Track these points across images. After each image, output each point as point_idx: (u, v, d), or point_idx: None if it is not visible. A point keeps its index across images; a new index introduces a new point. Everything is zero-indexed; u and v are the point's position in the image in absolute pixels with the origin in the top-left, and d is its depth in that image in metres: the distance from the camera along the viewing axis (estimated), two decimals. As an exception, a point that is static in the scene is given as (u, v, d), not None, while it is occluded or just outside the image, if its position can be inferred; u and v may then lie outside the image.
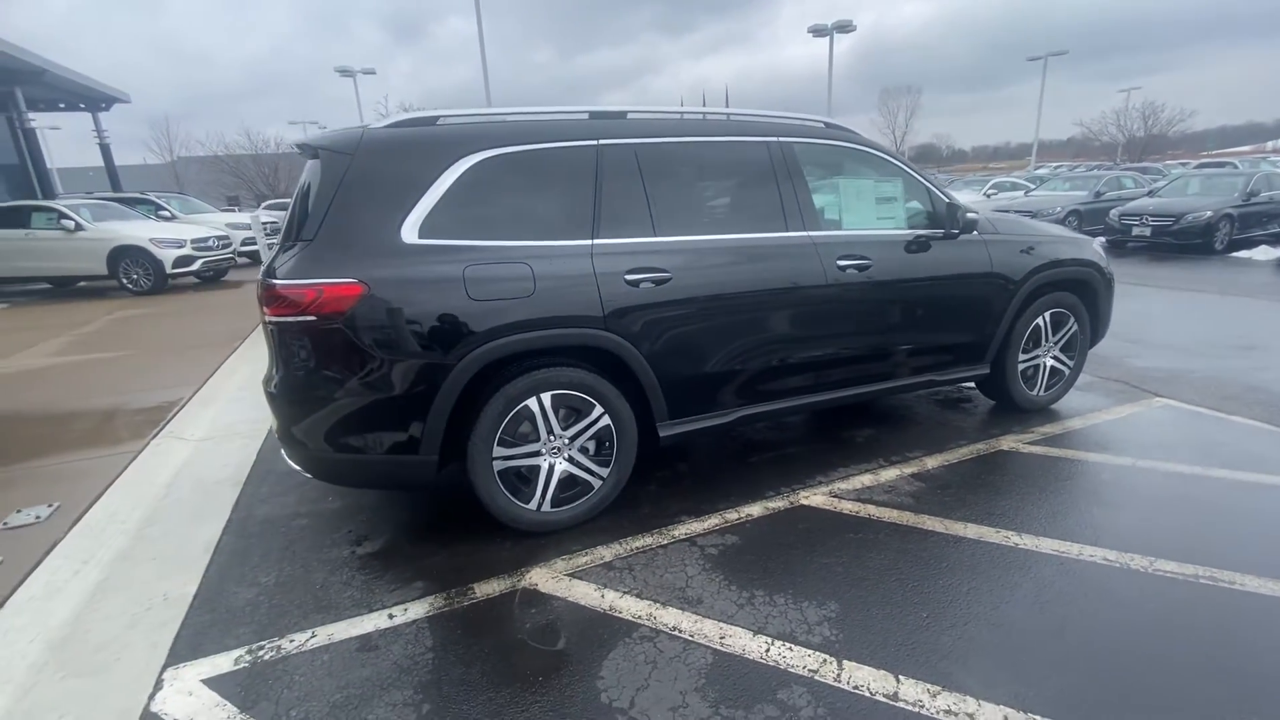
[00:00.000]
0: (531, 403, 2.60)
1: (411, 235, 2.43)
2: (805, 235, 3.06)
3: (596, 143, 2.75)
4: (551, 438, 2.69)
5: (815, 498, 2.98)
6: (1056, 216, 13.37)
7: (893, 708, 1.79)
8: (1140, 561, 2.42)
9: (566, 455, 2.74)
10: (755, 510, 2.89)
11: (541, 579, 2.46)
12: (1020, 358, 3.78)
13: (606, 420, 2.75)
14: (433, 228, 2.45)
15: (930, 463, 3.31)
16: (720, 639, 2.08)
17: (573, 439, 2.73)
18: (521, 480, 2.69)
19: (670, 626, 2.15)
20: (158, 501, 3.22)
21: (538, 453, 2.69)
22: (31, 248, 10.27)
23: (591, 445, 2.78)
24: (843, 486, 3.08)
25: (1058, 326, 3.86)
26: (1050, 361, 3.90)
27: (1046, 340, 3.85)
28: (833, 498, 2.98)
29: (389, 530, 2.87)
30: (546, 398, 2.62)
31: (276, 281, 2.33)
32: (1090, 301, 3.93)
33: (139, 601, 2.41)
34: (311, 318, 2.30)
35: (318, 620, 2.27)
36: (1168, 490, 3.00)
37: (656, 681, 1.91)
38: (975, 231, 3.45)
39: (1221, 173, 14.71)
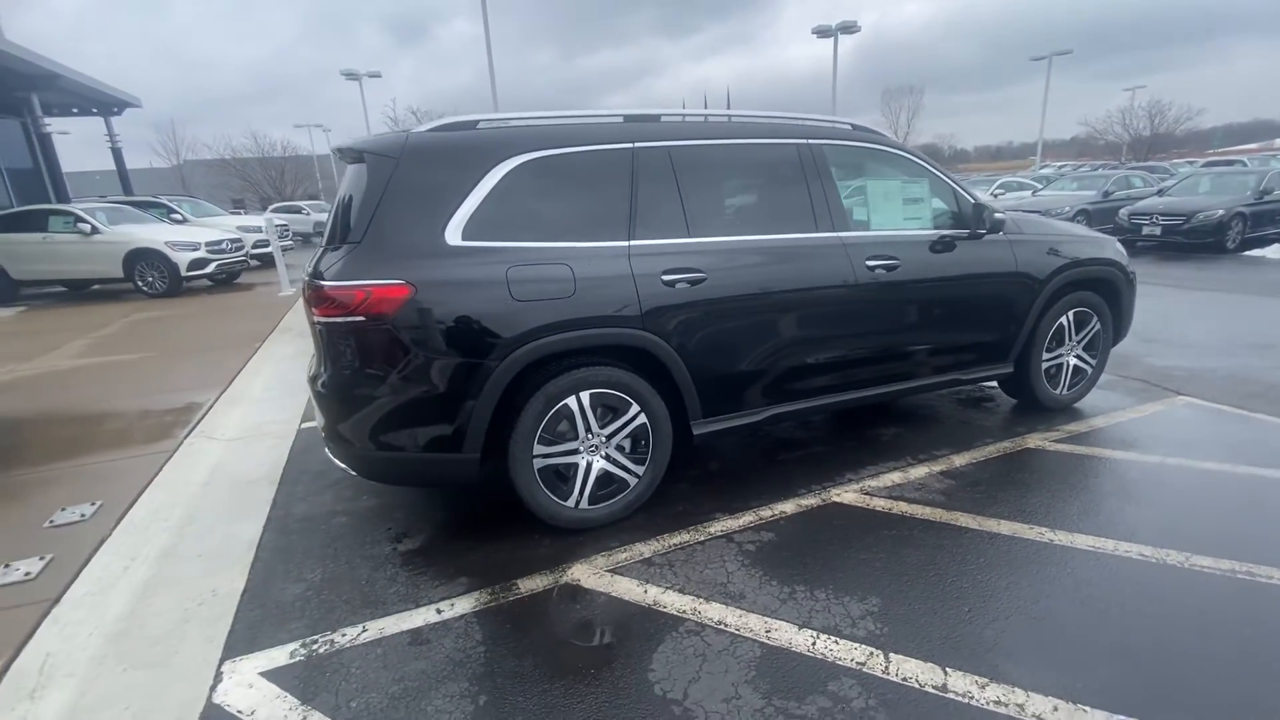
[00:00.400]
0: (570, 401, 2.65)
1: (455, 237, 2.47)
2: (835, 236, 3.09)
3: (632, 145, 2.79)
4: (589, 436, 2.73)
5: (847, 495, 3.02)
6: (1065, 216, 13.34)
7: (942, 699, 1.83)
8: (1176, 557, 2.45)
9: (604, 453, 2.78)
10: (788, 507, 2.93)
11: (583, 575, 2.50)
12: (1044, 357, 3.81)
13: (643, 419, 2.79)
14: (476, 230, 2.50)
15: (958, 461, 3.34)
16: (766, 633, 2.12)
17: (610, 437, 2.77)
18: (560, 478, 2.73)
19: (715, 621, 2.19)
20: (196, 500, 3.27)
21: (576, 451, 2.73)
22: (49, 251, 10.37)
23: (627, 443, 2.82)
24: (873, 484, 3.12)
25: (1081, 325, 3.88)
26: (1073, 360, 3.93)
27: (1070, 339, 3.87)
28: (864, 495, 3.01)
29: (427, 528, 2.91)
30: (585, 396, 2.66)
31: (325, 283, 2.38)
32: (1113, 300, 3.96)
33: (190, 596, 2.45)
34: (360, 318, 2.35)
35: (367, 615, 2.31)
36: (1198, 487, 3.02)
37: (707, 674, 1.95)
38: (1001, 231, 3.49)
39: (1233, 171, 14.69)
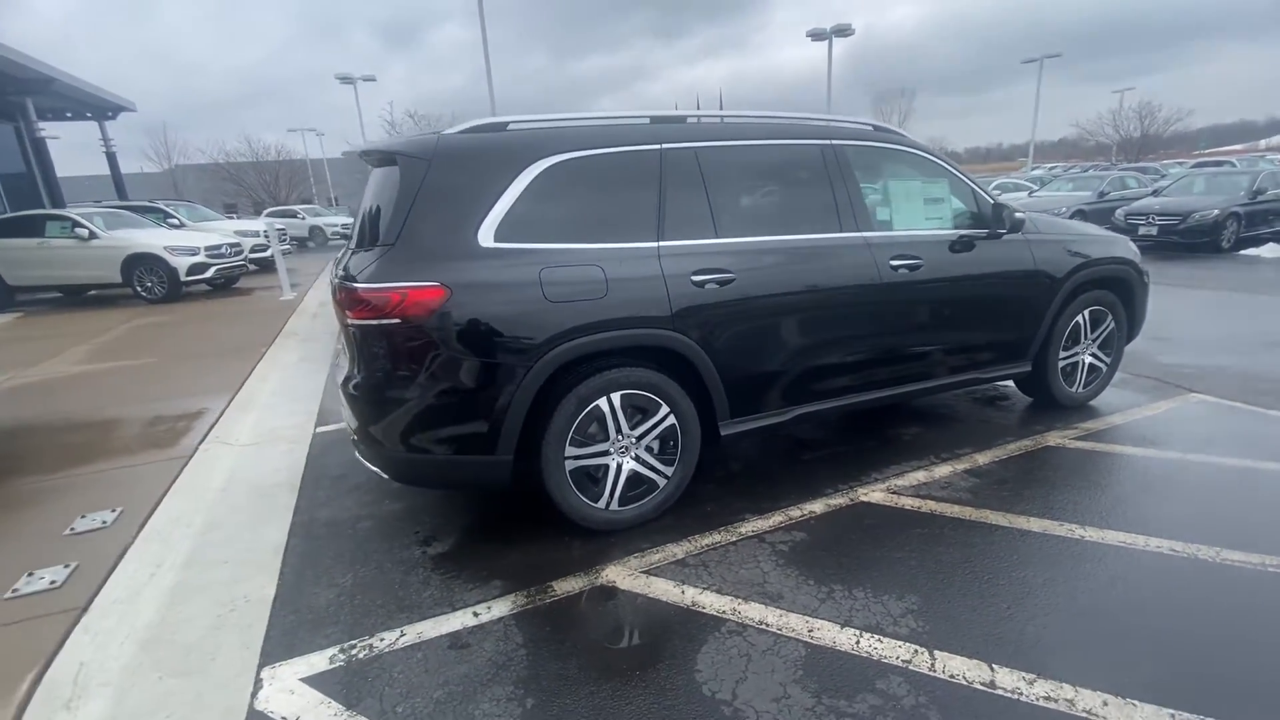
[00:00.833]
0: (602, 403, 2.64)
1: (488, 239, 2.46)
2: (860, 236, 3.11)
3: (659, 146, 2.79)
4: (620, 437, 2.73)
5: (874, 494, 3.02)
6: (1063, 217, 13.47)
7: (991, 695, 1.83)
8: (1207, 552, 2.47)
9: (633, 454, 2.78)
10: (817, 507, 2.93)
11: (618, 576, 2.49)
12: (1061, 355, 3.84)
13: (672, 419, 2.79)
14: (508, 231, 2.49)
15: (981, 459, 3.36)
16: (809, 632, 2.12)
17: (639, 438, 2.77)
18: (590, 479, 2.72)
19: (756, 621, 2.19)
20: (217, 506, 3.24)
21: (606, 452, 2.72)
22: (46, 256, 10.26)
23: (656, 444, 2.82)
24: (899, 483, 3.12)
25: (1096, 324, 3.91)
26: (1089, 359, 3.96)
27: (1085, 338, 3.90)
28: (892, 494, 3.02)
29: (455, 531, 2.89)
30: (616, 397, 2.66)
31: (359, 285, 2.36)
32: (1127, 299, 3.99)
33: (221, 603, 2.43)
34: (395, 320, 2.34)
35: (403, 619, 2.29)
36: (1220, 483, 3.05)
37: (754, 674, 1.95)
38: (1020, 231, 3.51)
39: (1227, 171, 14.86)
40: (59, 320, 9.48)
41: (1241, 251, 11.03)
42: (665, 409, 2.77)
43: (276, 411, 4.68)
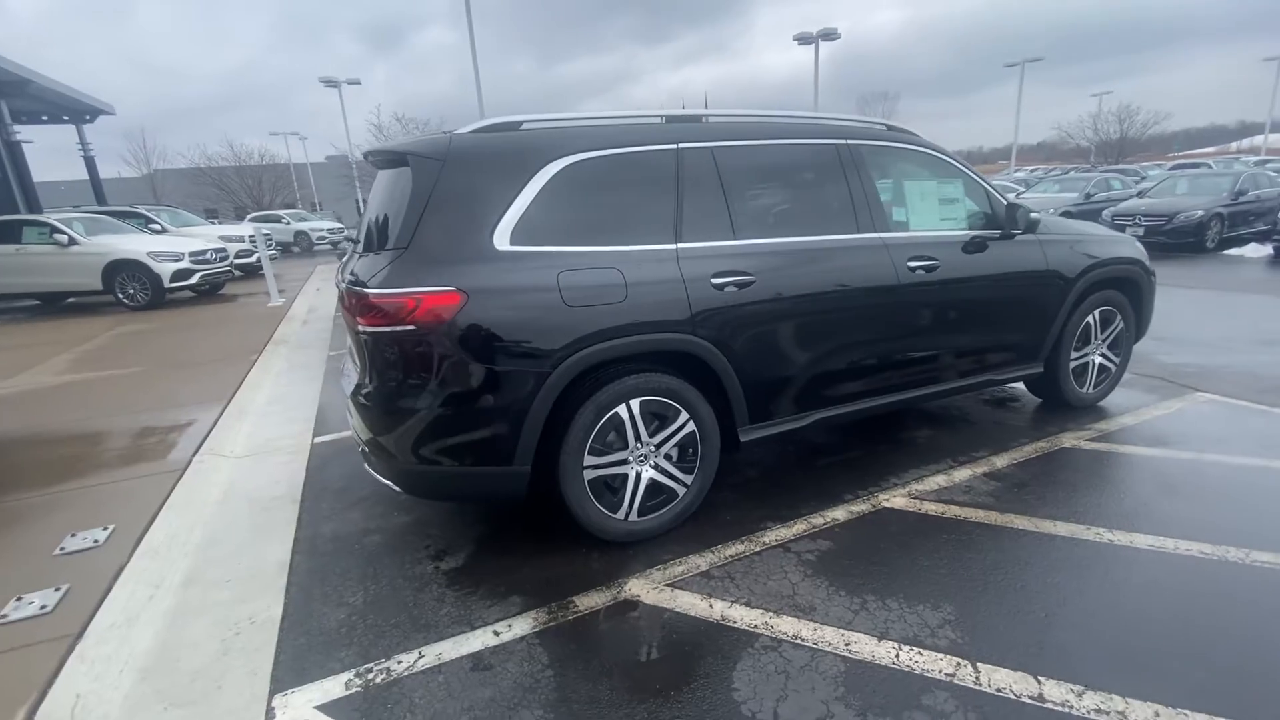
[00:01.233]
0: (621, 410, 2.56)
1: (504, 242, 2.38)
2: (877, 236, 3.06)
3: (676, 146, 2.72)
4: (639, 445, 2.65)
5: (896, 500, 2.97)
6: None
7: (1041, 709, 1.77)
8: (1236, 554, 2.44)
9: (652, 463, 2.70)
10: (839, 514, 2.87)
11: (642, 590, 2.40)
12: (1072, 355, 3.82)
13: (691, 426, 2.71)
14: (524, 234, 2.41)
15: (999, 462, 3.32)
16: (846, 646, 2.05)
17: (658, 446, 2.69)
18: (608, 489, 2.64)
19: (790, 635, 2.12)
20: (215, 521, 3.10)
21: (625, 461, 2.64)
22: (23, 263, 9.96)
23: (675, 452, 2.74)
24: (919, 488, 3.07)
25: (1106, 324, 3.90)
26: (1099, 359, 3.95)
27: (1095, 338, 3.89)
28: (913, 499, 2.97)
29: (467, 545, 2.79)
30: (635, 404, 2.58)
31: (370, 291, 2.26)
32: (1135, 299, 3.99)
33: (225, 625, 2.31)
34: (409, 327, 2.24)
35: (420, 640, 2.19)
36: (1239, 483, 3.03)
37: (794, 691, 1.87)
38: (1034, 232, 3.49)
39: (1208, 173, 15.12)
40: (38, 329, 9.20)
41: (1225, 251, 11.21)
42: (685, 415, 2.69)
43: (272, 421, 4.53)
